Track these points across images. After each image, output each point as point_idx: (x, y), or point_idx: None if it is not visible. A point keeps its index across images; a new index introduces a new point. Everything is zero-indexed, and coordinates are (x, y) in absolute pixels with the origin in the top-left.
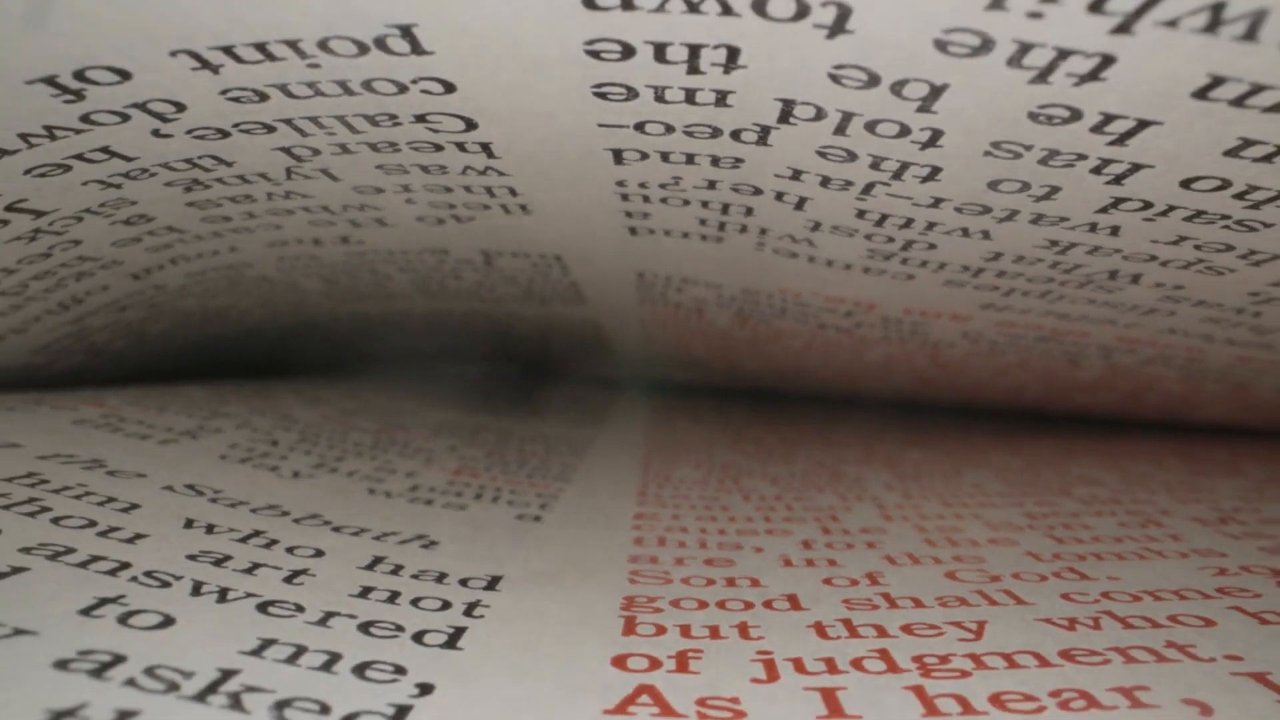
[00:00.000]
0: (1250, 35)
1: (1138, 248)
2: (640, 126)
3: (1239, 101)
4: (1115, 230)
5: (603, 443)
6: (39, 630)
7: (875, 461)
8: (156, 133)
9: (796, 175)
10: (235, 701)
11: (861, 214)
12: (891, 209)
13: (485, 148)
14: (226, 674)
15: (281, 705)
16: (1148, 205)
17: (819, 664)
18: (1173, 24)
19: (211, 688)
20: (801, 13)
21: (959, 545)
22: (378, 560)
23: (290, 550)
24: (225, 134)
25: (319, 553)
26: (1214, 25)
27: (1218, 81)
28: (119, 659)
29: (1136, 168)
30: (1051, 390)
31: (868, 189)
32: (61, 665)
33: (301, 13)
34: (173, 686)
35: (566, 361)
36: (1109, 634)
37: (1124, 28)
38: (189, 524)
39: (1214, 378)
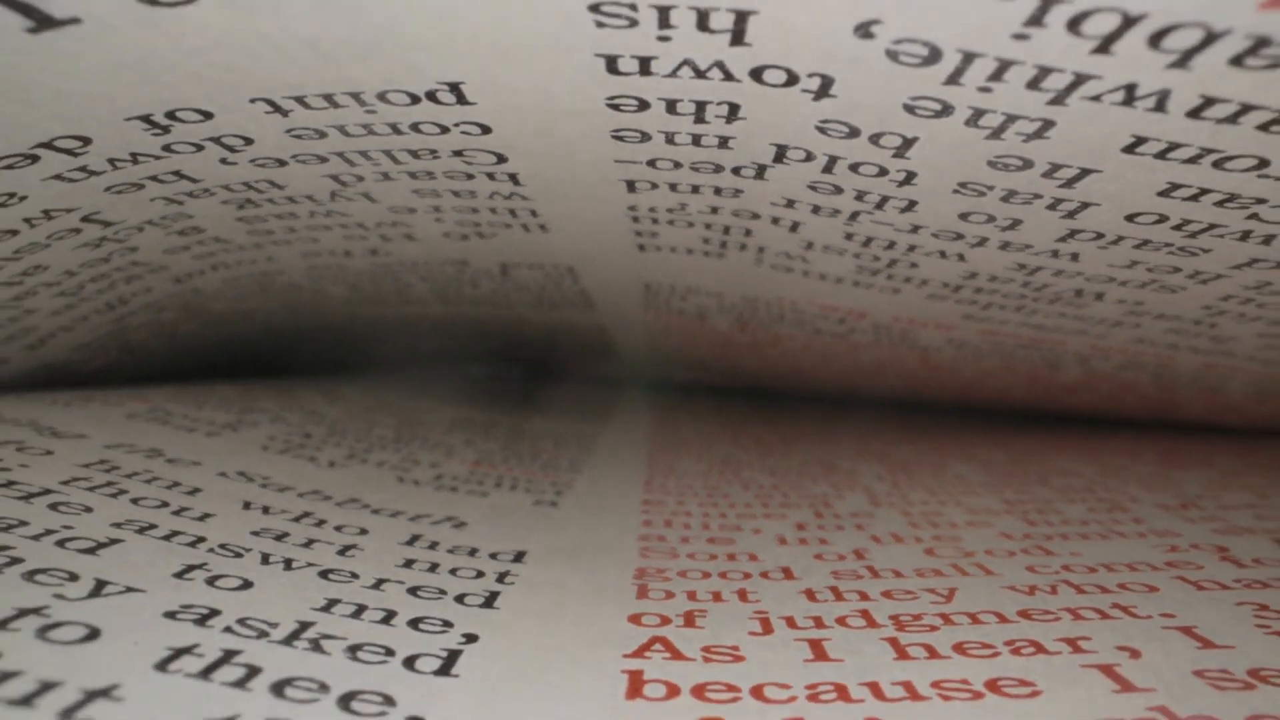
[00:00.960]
0: (1160, 108)
1: (1097, 270)
2: (652, 163)
3: (1161, 155)
4: (1075, 256)
5: (609, 439)
6: (146, 589)
7: (868, 456)
8: (224, 160)
9: (790, 204)
10: (316, 645)
11: (849, 236)
12: (876, 233)
13: (512, 177)
14: (304, 625)
15: (354, 649)
16: (1100, 235)
17: (808, 621)
18: (1096, 99)
19: (295, 634)
20: (791, 81)
21: (939, 527)
22: (415, 538)
23: (338, 529)
24: (283, 163)
25: (363, 531)
26: (1130, 100)
27: (1141, 140)
28: (215, 612)
29: (1085, 205)
30: (1036, 392)
31: (854, 216)
32: (170, 615)
33: (368, 71)
34: (263, 634)
35: (571, 362)
36: (1063, 598)
37: (1058, 100)
38: (247, 505)
39: (1185, 382)
